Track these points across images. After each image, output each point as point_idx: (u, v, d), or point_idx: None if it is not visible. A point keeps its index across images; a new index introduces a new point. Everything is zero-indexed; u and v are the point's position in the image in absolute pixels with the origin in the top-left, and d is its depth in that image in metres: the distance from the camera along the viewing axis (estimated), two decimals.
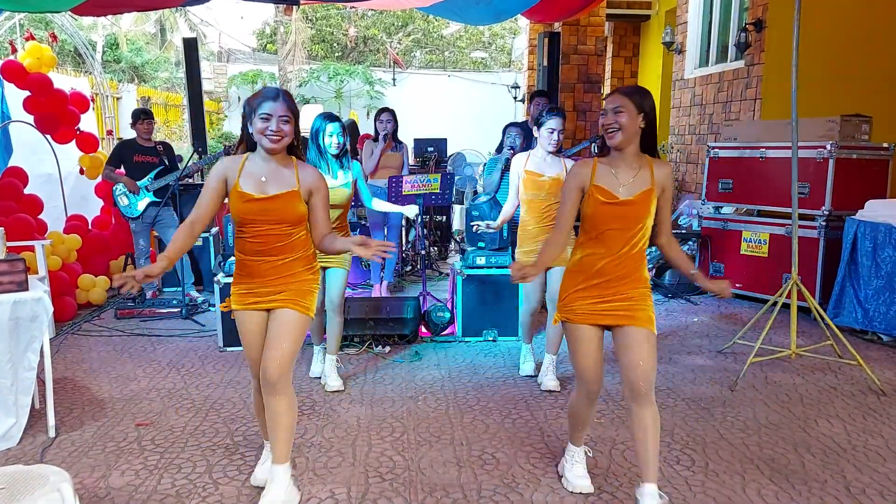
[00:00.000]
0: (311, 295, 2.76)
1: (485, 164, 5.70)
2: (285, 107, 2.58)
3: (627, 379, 2.62)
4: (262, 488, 2.79)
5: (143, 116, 6.08)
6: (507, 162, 5.43)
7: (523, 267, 2.64)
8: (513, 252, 4.58)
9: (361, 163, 6.38)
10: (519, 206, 4.20)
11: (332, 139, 3.98)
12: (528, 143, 5.54)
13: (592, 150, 5.96)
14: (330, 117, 4.03)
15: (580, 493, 2.89)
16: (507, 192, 5.40)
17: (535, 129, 4.10)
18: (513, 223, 4.47)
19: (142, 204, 5.95)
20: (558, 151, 4.04)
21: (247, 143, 2.70)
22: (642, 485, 2.63)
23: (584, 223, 2.69)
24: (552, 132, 3.97)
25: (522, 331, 4.43)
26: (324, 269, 4.00)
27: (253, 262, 2.69)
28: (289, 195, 2.63)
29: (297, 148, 2.72)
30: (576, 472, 2.94)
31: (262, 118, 2.57)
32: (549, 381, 4.09)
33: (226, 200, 2.72)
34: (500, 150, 6.59)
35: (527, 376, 4.31)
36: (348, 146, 4.16)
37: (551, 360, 4.15)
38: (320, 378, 4.23)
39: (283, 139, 2.60)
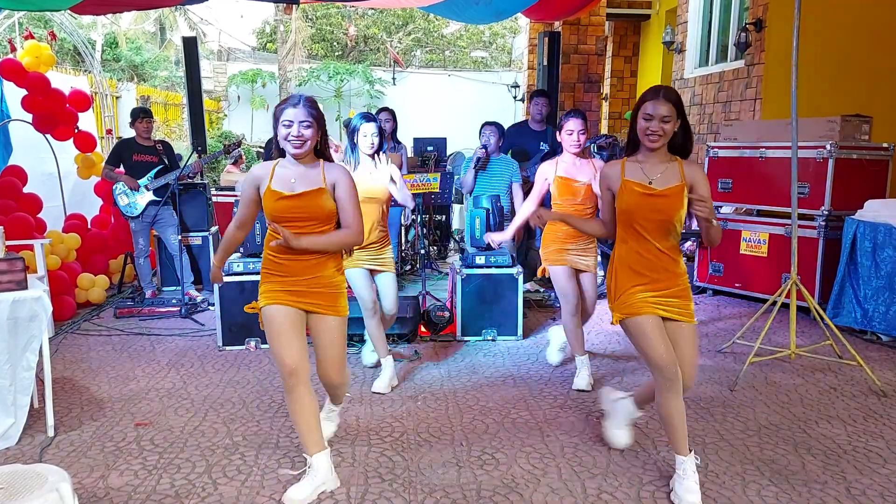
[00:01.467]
0: (342, 295, 2.91)
1: (462, 163, 5.70)
2: (306, 112, 2.71)
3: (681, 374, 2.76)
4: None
5: (142, 115, 6.07)
6: (479, 161, 5.43)
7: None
8: (526, 251, 4.56)
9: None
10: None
11: (366, 139, 3.99)
12: (502, 142, 5.55)
13: (592, 150, 5.97)
14: (367, 117, 4.05)
15: (620, 446, 3.11)
16: (482, 191, 5.42)
17: (557, 134, 4.12)
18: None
19: (142, 201, 5.95)
20: (582, 153, 4.06)
21: (279, 150, 2.83)
22: (685, 456, 2.79)
23: (620, 220, 2.80)
24: (572, 133, 3.99)
25: (570, 339, 4.17)
26: (371, 272, 4.05)
27: (285, 261, 2.80)
28: (316, 192, 2.76)
29: (324, 151, 2.84)
30: (686, 487, 2.75)
31: (284, 125, 2.72)
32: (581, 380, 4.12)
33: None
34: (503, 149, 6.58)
35: (578, 390, 4.06)
36: (385, 145, 4.20)
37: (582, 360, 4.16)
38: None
39: (305, 144, 2.73)
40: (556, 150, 6.26)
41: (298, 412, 2.84)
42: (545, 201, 4.24)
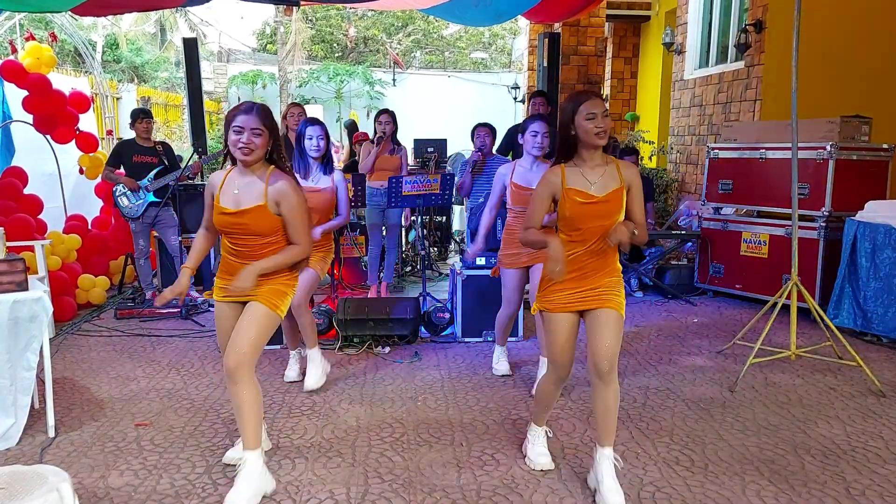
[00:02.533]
0: (284, 296, 2.88)
1: (459, 167, 5.72)
2: (258, 120, 2.69)
3: (592, 357, 2.79)
4: (233, 466, 2.95)
5: (142, 116, 6.08)
6: (475, 164, 5.44)
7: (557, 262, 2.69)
8: None
9: (360, 163, 6.39)
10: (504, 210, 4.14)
11: (310, 142, 4.03)
12: (496, 142, 5.56)
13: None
14: (311, 121, 4.09)
15: (541, 469, 3.08)
16: (480, 193, 5.43)
17: (519, 137, 4.06)
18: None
19: (140, 205, 5.95)
20: (545, 157, 3.96)
21: (226, 160, 2.90)
22: (602, 448, 2.82)
23: (562, 224, 2.83)
24: (536, 135, 3.90)
25: (500, 333, 4.41)
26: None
27: (234, 262, 2.86)
28: (257, 209, 2.76)
29: (277, 159, 2.82)
30: (538, 451, 3.12)
31: (234, 130, 2.71)
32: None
33: None
34: (502, 150, 6.60)
35: (503, 376, 4.36)
36: (331, 151, 4.20)
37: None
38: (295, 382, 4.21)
39: (253, 152, 2.71)
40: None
41: (236, 406, 2.81)
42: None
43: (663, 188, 8.98)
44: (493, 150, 5.76)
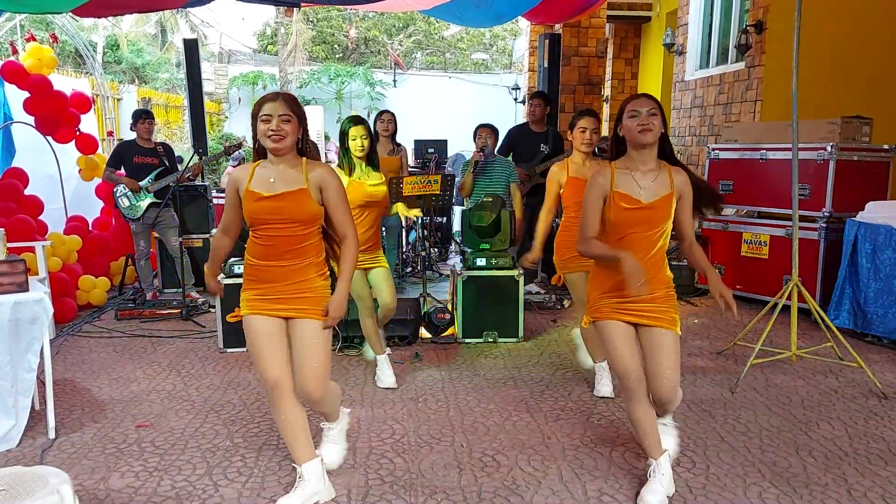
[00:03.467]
0: (326, 299, 2.72)
1: (460, 167, 5.72)
2: (286, 106, 2.59)
3: (653, 387, 2.68)
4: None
5: (143, 117, 6.08)
6: (477, 165, 5.44)
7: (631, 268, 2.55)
8: (551, 263, 4.39)
9: None
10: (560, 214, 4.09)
11: (355, 143, 3.95)
12: (497, 143, 5.55)
13: (594, 151, 5.95)
14: (355, 121, 4.01)
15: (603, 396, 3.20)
16: (481, 192, 5.42)
17: (569, 133, 4.01)
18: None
19: (143, 204, 5.95)
20: (594, 153, 3.95)
21: (258, 152, 2.71)
22: (657, 459, 2.76)
23: (606, 228, 2.73)
24: (584, 131, 3.87)
25: (590, 345, 4.03)
26: (365, 270, 4.02)
27: (265, 267, 2.66)
28: (298, 193, 2.61)
29: (306, 149, 2.70)
30: (652, 489, 2.76)
31: (263, 120, 2.59)
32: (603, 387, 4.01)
33: None
34: (503, 152, 6.59)
35: (602, 398, 3.98)
36: (376, 150, 4.15)
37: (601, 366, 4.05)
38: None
39: (284, 138, 2.58)
40: (556, 151, 6.28)
41: (283, 425, 2.73)
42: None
43: None
44: (495, 151, 5.76)
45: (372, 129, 4.14)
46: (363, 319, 4.12)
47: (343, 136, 4.00)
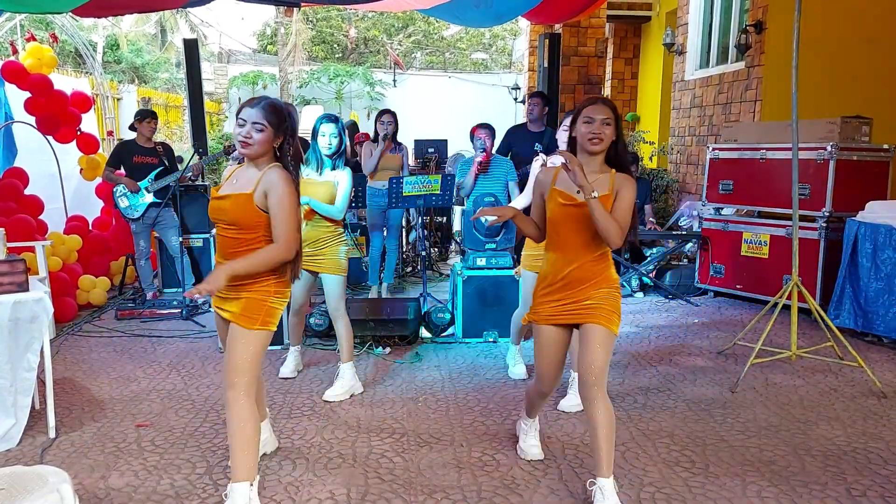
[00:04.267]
0: (266, 308, 2.66)
1: (459, 166, 5.71)
2: (261, 115, 2.59)
3: (579, 372, 2.78)
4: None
5: (149, 117, 6.10)
6: (482, 165, 5.44)
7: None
8: (518, 253, 4.48)
9: (361, 163, 6.40)
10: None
11: (323, 139, 3.99)
12: (496, 142, 5.55)
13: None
14: (328, 118, 4.06)
15: (531, 459, 3.17)
16: (480, 192, 5.41)
17: (570, 128, 3.99)
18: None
19: (141, 206, 5.95)
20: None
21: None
22: (595, 479, 2.69)
23: (548, 227, 2.84)
24: (590, 122, 3.90)
25: (514, 331, 4.36)
26: (316, 273, 4.00)
27: (219, 265, 2.67)
28: (240, 197, 2.61)
29: (283, 158, 2.68)
30: (529, 442, 3.22)
31: (238, 123, 2.63)
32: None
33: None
34: (502, 152, 6.59)
35: (519, 380, 4.27)
36: (346, 149, 4.15)
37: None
38: (292, 379, 4.26)
39: (250, 146, 2.60)
40: (551, 151, 6.28)
41: (230, 427, 2.65)
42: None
43: (664, 189, 8.98)
44: (493, 151, 5.76)
45: (344, 131, 4.13)
46: (290, 316, 4.23)
47: (314, 132, 4.02)
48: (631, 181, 2.73)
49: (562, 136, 3.87)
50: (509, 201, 5.53)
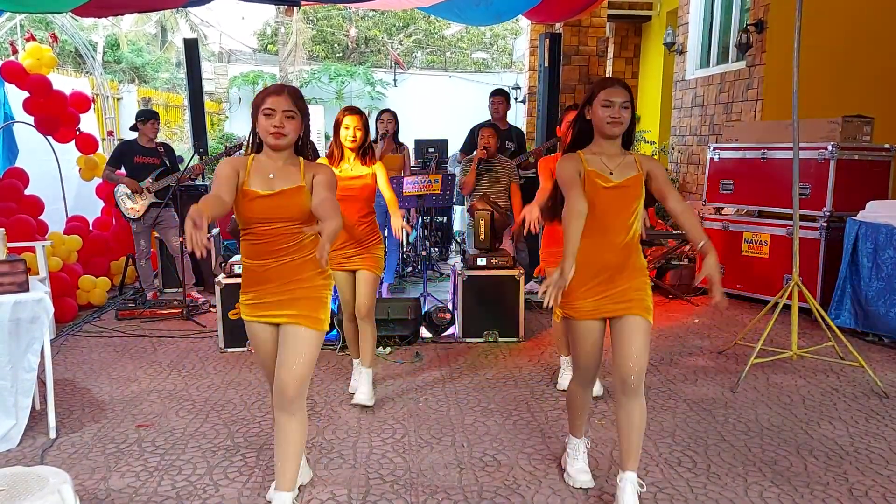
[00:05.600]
0: (324, 305, 2.60)
1: (459, 164, 5.72)
2: (290, 102, 2.48)
3: (618, 371, 2.62)
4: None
5: (152, 118, 6.10)
6: (481, 162, 5.44)
7: (559, 276, 2.43)
8: (537, 253, 4.30)
9: None
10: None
11: (347, 132, 3.76)
12: (497, 142, 5.55)
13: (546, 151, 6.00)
14: (350, 110, 3.83)
15: (580, 487, 2.92)
16: (481, 192, 5.41)
17: (586, 111, 3.84)
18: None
19: (141, 207, 5.95)
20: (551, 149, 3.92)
21: (252, 146, 2.61)
22: (623, 472, 2.70)
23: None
24: (610, 105, 3.77)
25: (561, 344, 4.09)
26: (353, 271, 3.82)
27: (260, 268, 2.56)
28: (295, 190, 2.51)
29: (305, 149, 2.61)
30: (577, 467, 2.97)
31: (265, 114, 2.48)
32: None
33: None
34: (467, 150, 6.59)
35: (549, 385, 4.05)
36: (370, 141, 3.95)
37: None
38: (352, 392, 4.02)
39: (285, 136, 2.48)
40: (521, 148, 6.40)
41: (277, 439, 2.59)
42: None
43: None
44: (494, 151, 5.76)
45: (371, 125, 4.04)
46: (345, 322, 4.01)
47: (337, 125, 3.83)
48: (656, 161, 2.71)
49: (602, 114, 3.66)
50: (510, 202, 5.54)
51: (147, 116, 6.10)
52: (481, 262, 5.10)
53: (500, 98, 6.41)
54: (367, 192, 3.85)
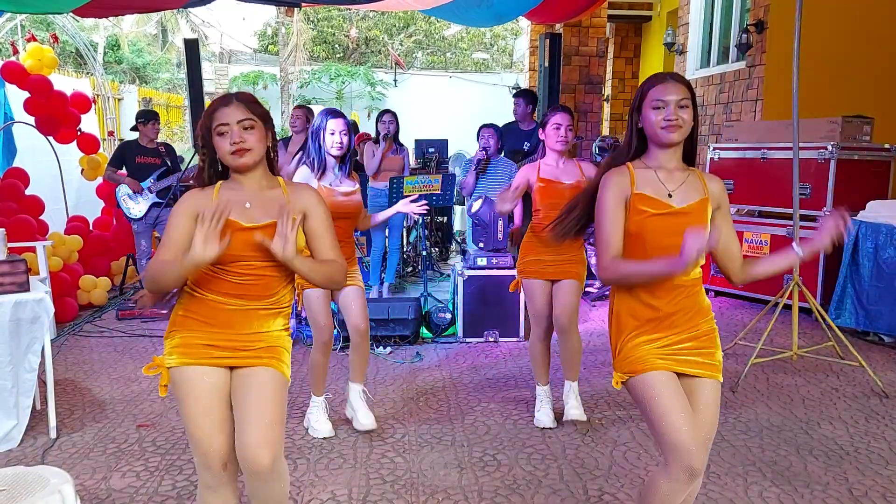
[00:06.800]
0: (288, 355, 2.17)
1: (462, 165, 5.72)
2: (244, 110, 2.03)
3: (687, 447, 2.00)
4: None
5: (153, 119, 6.11)
6: (480, 163, 5.43)
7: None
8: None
9: (364, 163, 6.40)
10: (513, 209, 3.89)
11: (333, 138, 3.38)
12: (501, 144, 5.54)
13: (594, 151, 5.94)
14: (333, 113, 3.46)
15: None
16: (482, 193, 5.41)
17: (540, 131, 3.68)
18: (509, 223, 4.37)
19: (144, 206, 5.96)
20: (570, 153, 3.69)
21: (213, 173, 2.12)
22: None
23: (628, 243, 2.09)
24: (559, 128, 3.50)
25: (534, 367, 3.69)
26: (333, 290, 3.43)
27: (223, 308, 2.06)
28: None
29: (275, 163, 2.18)
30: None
31: (219, 133, 2.03)
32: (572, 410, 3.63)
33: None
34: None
35: (543, 428, 3.57)
36: (354, 147, 3.65)
37: (570, 386, 3.68)
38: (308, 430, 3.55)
39: (250, 152, 2.03)
40: (537, 149, 6.32)
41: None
42: (528, 211, 3.93)
43: None
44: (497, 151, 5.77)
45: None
46: (313, 353, 3.47)
47: (318, 131, 3.41)
48: (722, 185, 2.17)
49: (554, 135, 3.55)
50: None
51: (147, 117, 6.11)
52: (481, 261, 5.10)
53: (518, 99, 6.43)
54: (359, 208, 3.54)
